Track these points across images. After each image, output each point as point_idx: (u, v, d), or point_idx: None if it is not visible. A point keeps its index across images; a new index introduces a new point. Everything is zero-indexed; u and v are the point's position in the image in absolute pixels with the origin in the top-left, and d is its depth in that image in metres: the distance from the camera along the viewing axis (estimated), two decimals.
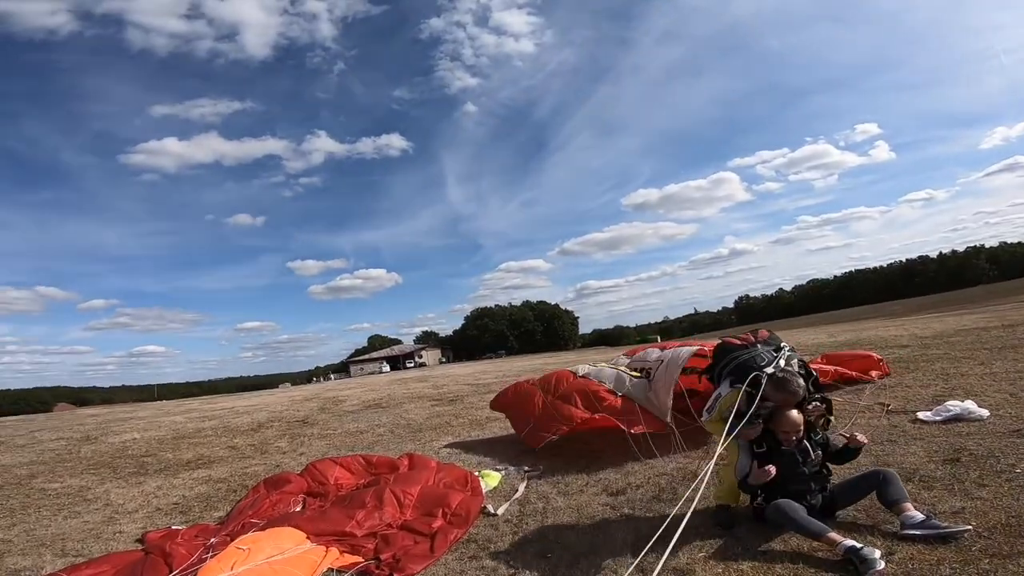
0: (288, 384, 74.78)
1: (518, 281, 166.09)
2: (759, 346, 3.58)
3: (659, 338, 75.02)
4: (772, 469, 3.06)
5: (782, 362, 3.43)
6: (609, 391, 5.84)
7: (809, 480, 3.12)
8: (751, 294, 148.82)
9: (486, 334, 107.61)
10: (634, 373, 6.13)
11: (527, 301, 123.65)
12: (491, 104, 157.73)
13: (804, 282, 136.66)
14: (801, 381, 3.27)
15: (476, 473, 5.19)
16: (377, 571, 3.22)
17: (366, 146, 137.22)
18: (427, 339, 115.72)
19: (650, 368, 6.01)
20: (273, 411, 16.77)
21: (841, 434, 3.31)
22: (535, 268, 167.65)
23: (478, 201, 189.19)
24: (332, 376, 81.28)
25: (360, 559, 3.40)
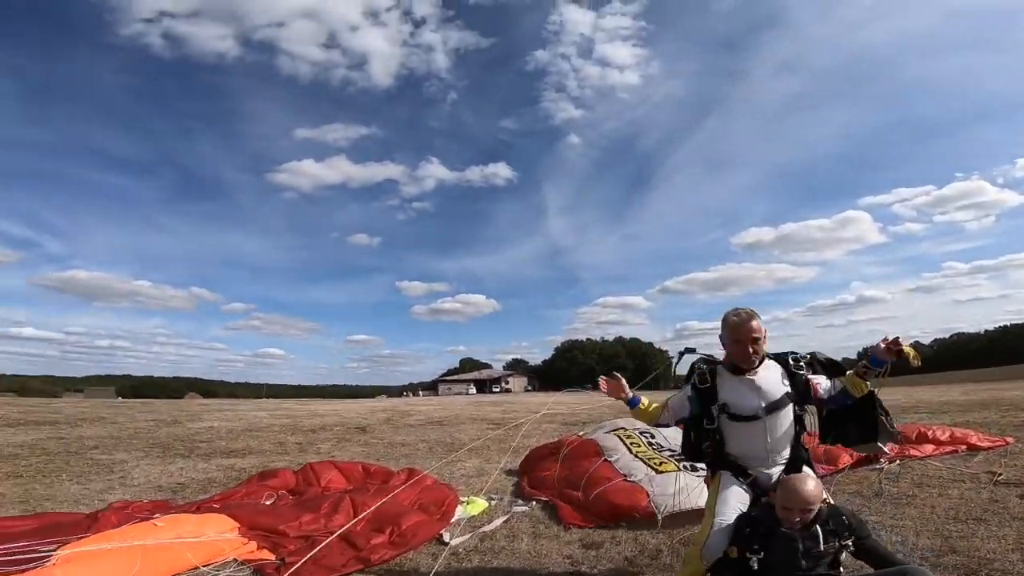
0: (384, 396, 78.44)
1: (614, 317, 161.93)
2: None
3: None
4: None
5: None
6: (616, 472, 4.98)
7: None
8: None
9: (574, 367, 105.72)
10: (661, 462, 5.01)
11: (620, 337, 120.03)
12: (594, 136, 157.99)
13: (947, 335, 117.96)
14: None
15: (463, 499, 4.65)
16: (274, 571, 2.87)
17: (474, 174, 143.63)
18: (516, 366, 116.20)
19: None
20: (344, 417, 17.33)
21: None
22: (633, 305, 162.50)
23: (579, 233, 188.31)
24: (421, 393, 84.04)
25: (267, 556, 3.06)
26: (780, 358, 2.63)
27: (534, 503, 4.61)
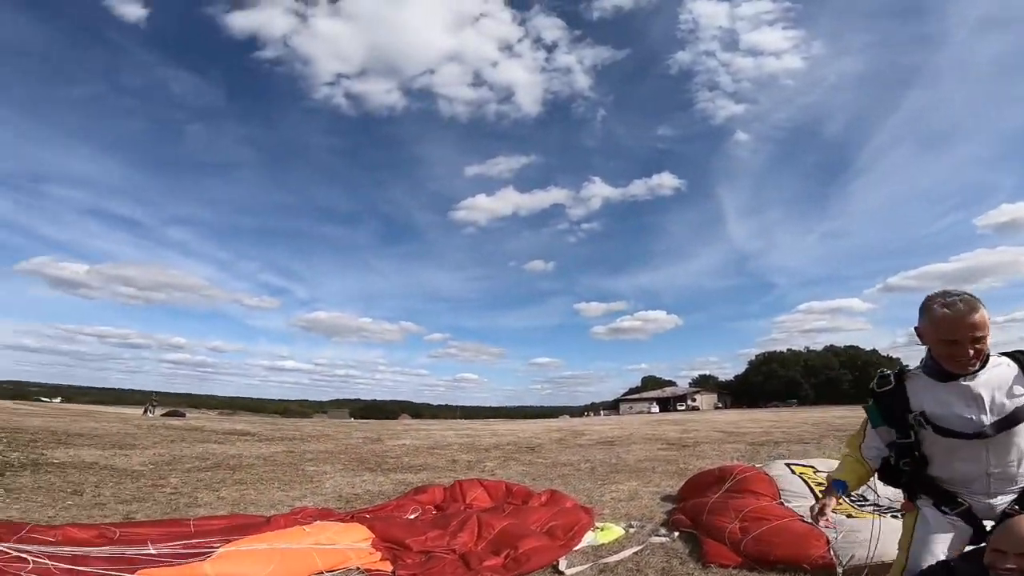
0: (567, 416, 79.71)
1: (823, 323, 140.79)
2: None
3: None
4: None
5: None
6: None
7: None
8: None
9: (772, 380, 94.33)
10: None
11: (831, 346, 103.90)
12: (764, 129, 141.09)
13: None
14: None
15: (597, 525, 4.36)
16: None
17: (638, 188, 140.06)
18: (704, 383, 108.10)
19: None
20: (519, 437, 17.95)
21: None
22: (847, 308, 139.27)
23: (765, 237, 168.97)
24: (602, 412, 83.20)
25: (386, 568, 3.21)
26: (1016, 356, 1.99)
27: (676, 534, 4.10)
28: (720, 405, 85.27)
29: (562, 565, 3.34)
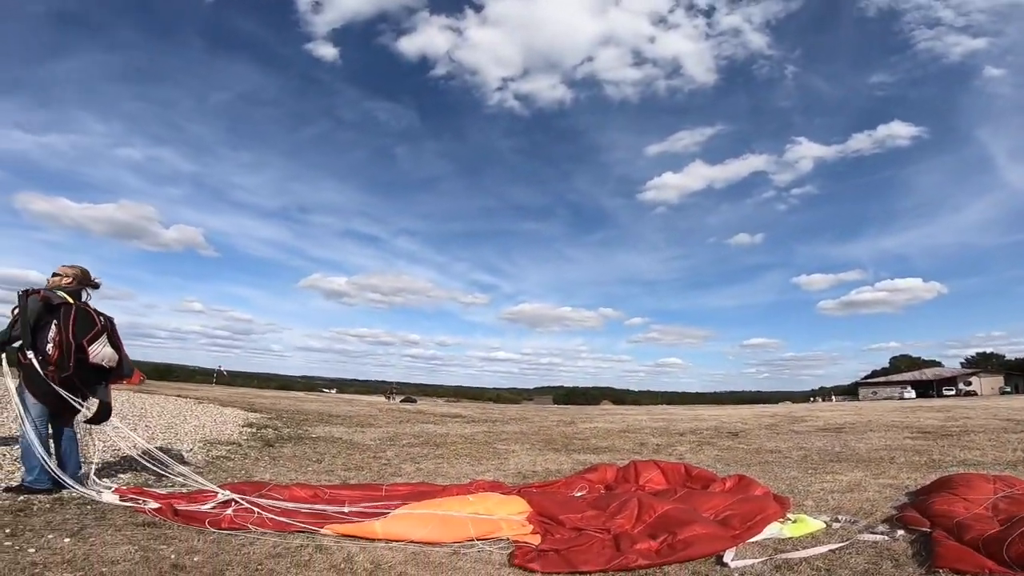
0: (788, 402, 71.04)
1: None
2: None
3: None
4: None
5: None
6: None
7: None
8: None
9: None
10: None
11: None
12: None
13: None
14: None
15: (788, 517, 3.69)
16: (529, 552, 2.99)
17: (860, 143, 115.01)
18: (984, 362, 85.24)
19: None
20: (722, 422, 16.54)
21: None
22: None
23: None
24: (834, 398, 71.55)
25: (534, 540, 3.20)
26: None
27: (901, 533, 3.22)
28: (1009, 390, 66.13)
29: (727, 556, 2.89)
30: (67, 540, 2.86)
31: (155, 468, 4.55)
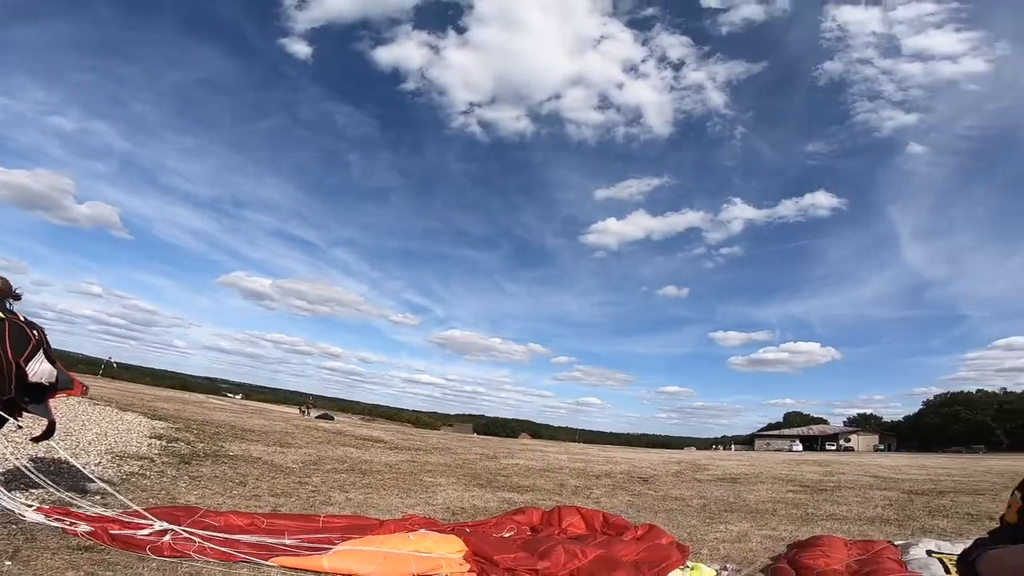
0: (693, 448, 74.94)
1: None
2: None
3: None
4: None
5: None
6: None
7: None
8: None
9: (955, 424, 79.45)
10: None
11: None
12: (946, 139, 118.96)
13: None
14: None
15: (687, 564, 4.24)
16: None
17: (787, 208, 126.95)
18: (864, 422, 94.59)
19: None
20: (635, 466, 17.42)
21: None
22: None
23: (951, 262, 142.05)
24: (733, 447, 76.66)
25: None
26: None
27: None
28: (882, 447, 73.92)
29: None
30: (8, 563, 2.82)
31: (77, 485, 4.39)
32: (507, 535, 4.91)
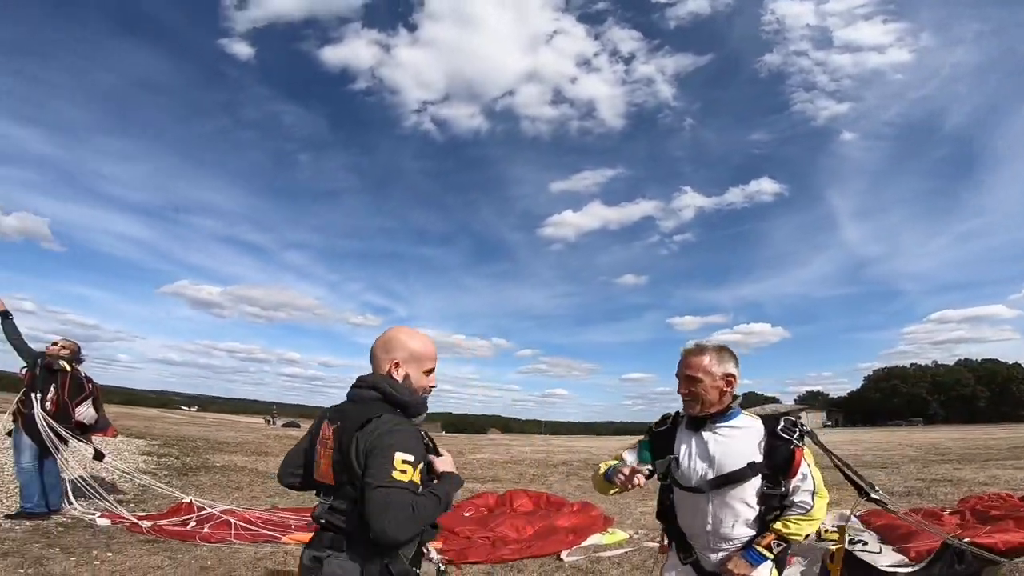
0: None
1: (960, 334, 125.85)
2: None
3: None
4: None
5: None
6: None
7: None
8: None
9: (894, 398, 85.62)
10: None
11: (966, 360, 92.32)
12: (874, 126, 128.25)
13: None
14: None
15: (608, 530, 5.62)
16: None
17: (735, 196, 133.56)
18: (812, 399, 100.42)
19: None
20: (592, 454, 18.99)
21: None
22: (989, 316, 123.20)
23: (887, 240, 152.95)
24: None
25: (436, 546, 4.76)
26: (768, 421, 1.96)
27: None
28: (830, 424, 79.00)
29: (563, 554, 4.70)
30: (109, 554, 3.91)
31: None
32: (467, 515, 6.20)
